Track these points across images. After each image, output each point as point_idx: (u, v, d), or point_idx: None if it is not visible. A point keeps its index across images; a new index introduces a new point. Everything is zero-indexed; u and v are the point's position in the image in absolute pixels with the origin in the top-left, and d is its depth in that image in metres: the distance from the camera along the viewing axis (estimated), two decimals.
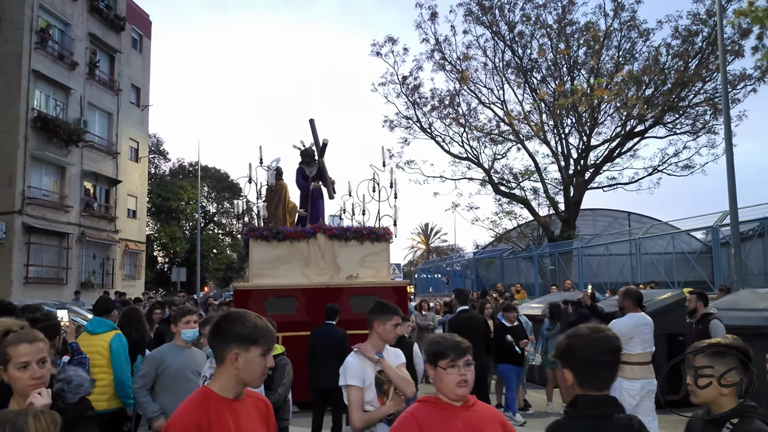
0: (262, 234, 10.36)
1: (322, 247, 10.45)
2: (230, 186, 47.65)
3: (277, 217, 11.15)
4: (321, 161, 11.99)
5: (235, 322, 2.46)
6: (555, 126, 26.61)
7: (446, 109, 27.92)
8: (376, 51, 28.02)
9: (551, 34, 26.20)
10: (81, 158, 27.50)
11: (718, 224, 17.06)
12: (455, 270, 36.84)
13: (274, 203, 11.27)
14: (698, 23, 24.04)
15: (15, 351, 2.73)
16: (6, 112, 23.72)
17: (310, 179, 11.80)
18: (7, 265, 23.40)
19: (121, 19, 30.89)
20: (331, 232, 10.49)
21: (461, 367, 2.75)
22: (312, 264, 10.36)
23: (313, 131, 12.34)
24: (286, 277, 10.22)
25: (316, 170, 11.89)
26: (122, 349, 6.26)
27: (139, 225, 33.62)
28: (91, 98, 28.45)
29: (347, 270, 10.39)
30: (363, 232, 10.58)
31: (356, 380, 3.85)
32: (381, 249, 10.67)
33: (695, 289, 8.92)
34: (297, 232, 10.50)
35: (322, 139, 12.21)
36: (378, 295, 9.58)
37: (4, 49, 23.99)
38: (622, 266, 22.48)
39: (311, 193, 11.67)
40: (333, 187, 12.06)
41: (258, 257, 10.32)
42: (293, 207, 11.57)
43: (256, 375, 2.45)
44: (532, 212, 27.28)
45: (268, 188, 11.34)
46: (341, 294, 9.88)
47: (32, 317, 4.41)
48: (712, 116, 24.70)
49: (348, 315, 9.23)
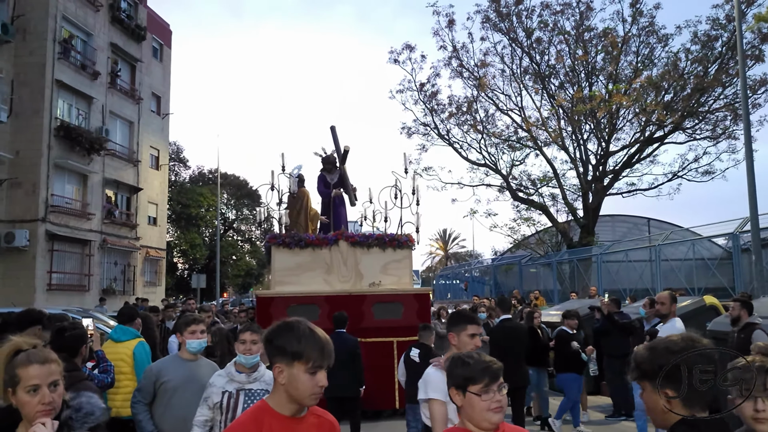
0: (285, 241, 10.35)
1: (344, 254, 10.44)
2: (249, 193, 48.05)
3: (299, 224, 11.19)
4: (342, 168, 12.01)
5: (280, 334, 2.29)
6: (573, 132, 26.54)
7: (464, 116, 27.96)
8: (393, 58, 28.16)
9: (569, 41, 26.17)
10: (103, 166, 27.88)
11: (738, 230, 16.93)
12: (474, 276, 36.81)
13: (296, 210, 11.31)
14: (717, 28, 23.90)
15: (25, 373, 2.49)
16: (30, 121, 24.11)
17: (331, 186, 11.80)
18: (30, 272, 23.75)
19: (142, 29, 31.32)
20: (354, 239, 10.48)
21: (496, 392, 2.52)
22: (334, 271, 10.36)
23: (334, 138, 12.38)
24: (308, 284, 10.23)
25: (337, 177, 11.92)
26: (145, 356, 6.43)
27: (160, 232, 33.98)
28: (112, 107, 28.86)
29: (369, 277, 10.35)
30: (385, 239, 10.53)
31: (440, 394, 3.57)
32: (403, 256, 10.63)
33: (743, 295, 8.83)
34: (319, 239, 10.49)
35: (344, 146, 12.24)
36: (400, 302, 9.71)
37: (29, 59, 24.40)
38: (642, 273, 22.35)
39: (333, 200, 11.68)
40: (354, 194, 12.05)
41: (280, 264, 10.32)
42: (315, 214, 11.62)
43: (304, 394, 2.24)
44: (550, 218, 27.21)
45: (290, 195, 11.34)
46: (364, 301, 9.88)
47: (60, 326, 4.53)
48: (732, 121, 24.52)
49: (371, 322, 9.36)
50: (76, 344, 4.41)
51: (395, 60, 28.13)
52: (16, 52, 24.36)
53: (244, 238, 49.76)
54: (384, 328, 9.68)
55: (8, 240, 23.20)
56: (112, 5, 29.12)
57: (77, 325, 4.58)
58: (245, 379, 4.28)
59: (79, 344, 4.45)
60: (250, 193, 48.18)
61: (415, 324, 9.49)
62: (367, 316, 9.64)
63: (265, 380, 4.30)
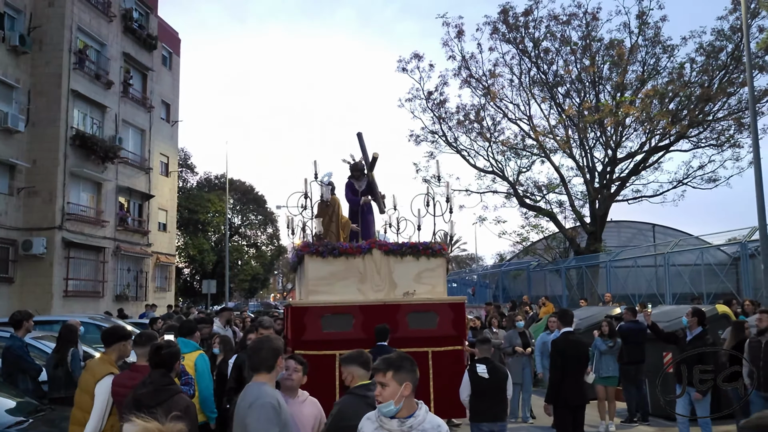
0: (318, 250, 9.94)
1: (377, 263, 10.10)
2: (255, 198, 48.43)
3: (330, 232, 10.81)
4: (370, 175, 11.77)
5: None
6: (580, 140, 26.97)
7: (471, 124, 28.38)
8: (402, 67, 28.60)
9: (576, 51, 26.61)
10: (116, 174, 28.26)
11: (746, 239, 17.39)
12: (478, 280, 37.20)
13: (327, 218, 10.90)
14: (722, 39, 24.36)
15: None
16: (47, 130, 24.49)
17: (359, 193, 11.55)
18: (48, 279, 24.10)
19: (153, 38, 31.72)
20: (387, 247, 10.14)
21: None
22: (368, 280, 10.01)
23: (361, 145, 12.13)
24: (341, 293, 9.90)
25: (365, 184, 11.67)
26: (206, 367, 6.88)
27: (170, 238, 34.36)
28: (125, 116, 29.25)
29: (403, 286, 10.02)
30: (419, 247, 10.15)
31: None
32: (437, 265, 10.24)
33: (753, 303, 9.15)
34: (353, 248, 10.09)
35: (372, 153, 11.99)
36: (435, 312, 9.63)
37: (45, 70, 24.78)
38: (650, 279, 22.76)
39: (361, 208, 11.46)
40: (383, 202, 11.81)
41: (313, 273, 9.95)
42: (346, 222, 11.28)
43: None
44: (558, 225, 27.62)
45: (322, 203, 10.99)
46: (398, 311, 9.65)
47: (157, 345, 4.92)
48: (736, 130, 24.97)
49: (405, 332, 9.16)
50: (172, 361, 4.82)
51: (404, 68, 28.59)
52: (33, 62, 24.74)
53: (249, 243, 50.11)
54: (419, 338, 9.39)
55: (26, 248, 23.55)
56: (125, 15, 29.52)
57: (172, 344, 4.98)
58: (396, 427, 3.62)
59: (174, 360, 4.85)
60: (256, 198, 48.58)
61: (451, 334, 9.61)
62: (402, 325, 9.38)
63: (424, 428, 3.64)
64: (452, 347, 9.62)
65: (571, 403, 7.49)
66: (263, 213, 50.03)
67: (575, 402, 7.51)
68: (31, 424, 6.55)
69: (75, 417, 5.37)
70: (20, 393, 7.52)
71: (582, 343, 8.13)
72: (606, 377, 10.82)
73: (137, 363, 5.29)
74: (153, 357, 4.76)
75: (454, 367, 9.15)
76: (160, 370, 4.71)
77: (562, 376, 7.50)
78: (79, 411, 5.33)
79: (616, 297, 20.34)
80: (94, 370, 5.44)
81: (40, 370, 8.02)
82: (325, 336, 9.33)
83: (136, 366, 5.25)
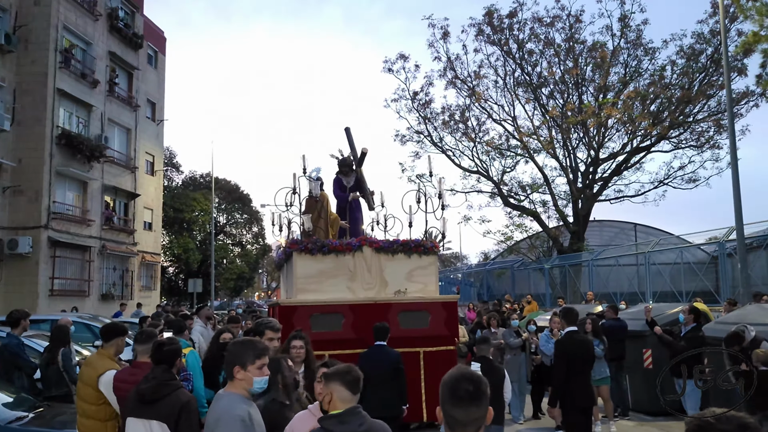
0: (307, 247, 9.72)
1: (368, 260, 9.91)
2: (241, 197, 48.45)
3: (319, 229, 10.53)
4: (359, 171, 11.55)
5: None
6: (563, 141, 27.35)
7: (457, 124, 28.68)
8: (387, 68, 28.81)
9: (560, 53, 26.99)
10: (102, 173, 28.22)
11: (724, 239, 17.79)
12: (463, 279, 37.51)
13: (316, 213, 10.62)
14: (702, 42, 24.84)
15: None
16: (33, 129, 24.42)
17: (348, 190, 11.35)
18: (33, 278, 24.05)
19: (139, 37, 31.68)
20: (378, 244, 9.98)
21: None
22: (358, 278, 9.83)
23: (349, 140, 11.89)
24: (331, 292, 9.71)
25: (353, 180, 11.47)
26: (197, 364, 7.08)
27: (155, 237, 34.31)
28: (111, 115, 29.20)
29: (394, 284, 9.88)
30: (411, 244, 10.02)
31: None
32: (429, 263, 10.10)
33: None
34: (343, 245, 9.87)
35: (361, 149, 11.73)
36: (427, 311, 9.58)
37: (31, 69, 24.71)
38: (631, 277, 23.15)
39: (350, 204, 11.27)
40: (372, 198, 11.62)
41: (302, 271, 9.74)
42: (335, 219, 11.00)
43: None
44: (541, 224, 27.99)
45: (310, 199, 10.72)
46: (389, 310, 9.50)
47: (159, 342, 5.08)
48: (715, 132, 25.47)
49: (396, 332, 8.84)
50: (173, 357, 5.01)
51: (389, 69, 28.80)
52: (19, 61, 24.65)
53: (234, 242, 50.12)
54: (410, 338, 9.27)
55: (11, 247, 23.49)
56: (111, 14, 29.45)
57: (173, 341, 5.15)
58: None
59: (176, 357, 5.02)
60: (241, 197, 48.60)
61: (443, 333, 9.57)
62: (393, 325, 8.88)
63: None
64: (445, 347, 9.52)
65: (579, 405, 7.26)
66: (248, 212, 50.01)
67: (583, 403, 7.28)
68: (31, 420, 6.75)
69: (81, 408, 5.55)
70: (17, 390, 7.71)
71: (588, 342, 7.86)
72: (600, 379, 10.95)
73: (138, 360, 5.45)
74: (155, 353, 4.91)
75: (446, 367, 9.05)
76: (162, 366, 4.88)
77: (568, 377, 7.23)
78: (84, 403, 5.50)
79: (598, 295, 20.66)
80: (95, 365, 5.61)
81: (35, 368, 8.18)
82: (314, 336, 9.30)
83: (137, 363, 5.41)
